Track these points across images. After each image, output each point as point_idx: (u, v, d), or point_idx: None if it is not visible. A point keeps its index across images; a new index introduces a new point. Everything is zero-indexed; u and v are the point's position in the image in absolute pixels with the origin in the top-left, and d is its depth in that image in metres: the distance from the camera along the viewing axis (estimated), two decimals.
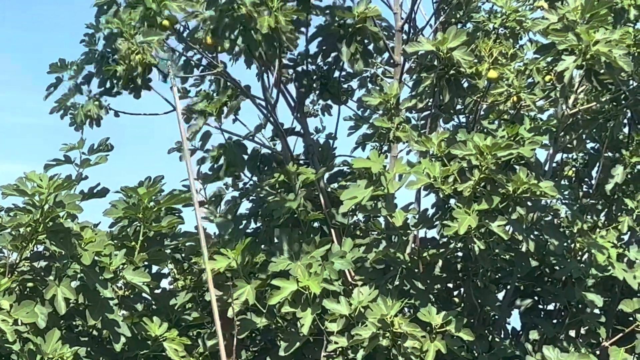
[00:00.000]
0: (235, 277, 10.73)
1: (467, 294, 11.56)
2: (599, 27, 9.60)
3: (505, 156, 9.76)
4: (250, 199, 11.99)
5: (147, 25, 10.49)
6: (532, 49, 11.35)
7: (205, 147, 12.12)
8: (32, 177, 9.72)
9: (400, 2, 12.04)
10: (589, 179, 12.64)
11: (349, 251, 10.83)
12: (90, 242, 10.08)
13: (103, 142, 10.79)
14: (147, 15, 10.52)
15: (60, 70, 11.34)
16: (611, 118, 11.68)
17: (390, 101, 10.80)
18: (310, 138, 12.16)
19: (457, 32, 10.16)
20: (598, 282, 11.43)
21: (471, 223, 9.54)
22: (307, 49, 11.93)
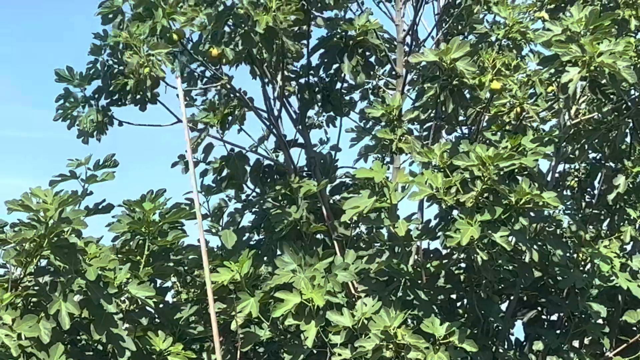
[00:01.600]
0: (239, 289, 10.68)
1: (471, 305, 11.52)
2: (603, 39, 9.58)
3: (508, 167, 9.73)
4: (253, 211, 11.96)
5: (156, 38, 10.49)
6: (534, 60, 11.35)
7: (208, 159, 12.16)
8: (37, 193, 9.68)
9: (402, 14, 12.08)
10: (592, 189, 12.64)
11: (351, 263, 10.79)
12: (95, 257, 10.04)
13: (109, 158, 10.76)
14: (155, 29, 10.52)
15: (67, 79, 11.35)
16: (613, 128, 11.68)
17: (393, 112, 10.80)
18: (312, 150, 12.15)
19: (460, 42, 10.14)
20: (601, 292, 11.42)
21: (473, 234, 9.51)
22: (309, 61, 11.92)
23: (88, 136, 11.37)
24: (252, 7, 10.23)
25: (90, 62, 11.38)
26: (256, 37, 10.42)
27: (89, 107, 11.41)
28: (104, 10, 11.01)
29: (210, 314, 10.42)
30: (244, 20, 10.35)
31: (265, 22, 10.24)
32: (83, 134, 11.38)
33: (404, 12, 12.20)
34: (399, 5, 12.08)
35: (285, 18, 10.38)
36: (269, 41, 10.59)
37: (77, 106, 11.41)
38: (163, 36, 10.53)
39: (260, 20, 10.23)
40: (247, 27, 10.40)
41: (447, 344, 10.16)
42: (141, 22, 10.55)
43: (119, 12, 11.00)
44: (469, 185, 9.79)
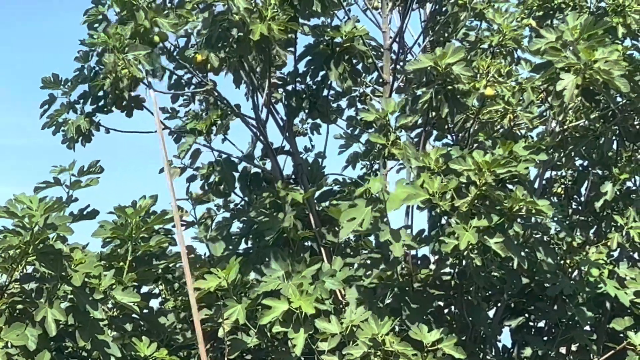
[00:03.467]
0: (226, 296, 10.52)
1: (459, 311, 11.39)
2: (598, 47, 9.50)
3: (504, 173, 9.64)
4: (241, 220, 11.79)
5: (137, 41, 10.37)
6: (526, 68, 11.31)
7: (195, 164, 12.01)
8: (22, 199, 9.51)
9: (388, 21, 11.97)
10: (578, 196, 12.57)
11: (339, 270, 10.64)
12: (80, 263, 9.86)
13: (93, 164, 10.58)
14: (137, 31, 10.37)
15: (53, 86, 11.22)
16: (600, 135, 11.62)
17: (386, 117, 10.68)
18: (299, 157, 11.98)
19: (455, 48, 10.06)
20: (589, 299, 11.31)
21: (471, 239, 9.39)
22: (296, 68, 11.77)
23: (74, 142, 11.23)
24: (248, 14, 10.09)
25: (77, 69, 11.27)
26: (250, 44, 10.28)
27: (74, 114, 11.29)
28: (90, 18, 10.88)
29: (194, 321, 10.27)
30: (239, 26, 10.22)
31: (259, 31, 10.11)
32: (68, 140, 11.24)
33: (390, 19, 12.09)
34: (385, 13, 11.95)
35: (279, 28, 10.24)
36: (262, 49, 10.48)
37: (63, 113, 11.28)
38: (144, 38, 10.38)
39: (255, 30, 10.10)
40: (243, 33, 10.25)
41: (435, 351, 9.99)
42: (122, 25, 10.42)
43: (104, 19, 10.87)
44: (463, 190, 9.69)
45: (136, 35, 10.37)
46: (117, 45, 10.25)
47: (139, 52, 10.26)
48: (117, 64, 10.24)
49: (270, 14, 10.28)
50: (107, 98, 10.89)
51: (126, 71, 10.23)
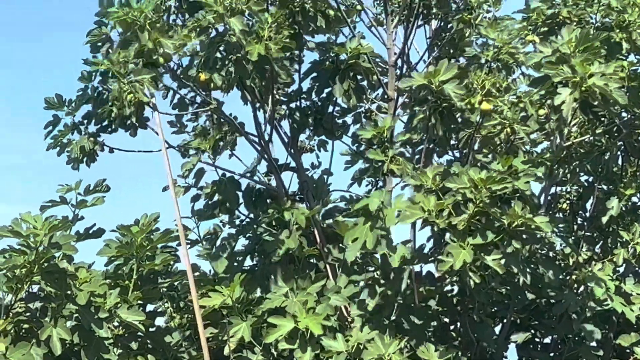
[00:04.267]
0: (231, 314, 10.59)
1: (464, 328, 11.43)
2: (594, 60, 9.54)
3: (500, 190, 9.62)
4: (247, 236, 11.85)
5: (142, 62, 10.42)
6: (525, 82, 11.30)
7: (200, 184, 12.05)
8: (27, 219, 9.60)
9: (393, 37, 12.02)
10: (584, 211, 12.56)
11: (344, 287, 10.70)
12: (85, 282, 9.95)
13: (99, 183, 10.69)
14: (141, 52, 10.46)
15: (56, 107, 11.33)
16: (605, 151, 11.63)
17: (384, 134, 10.71)
18: (304, 174, 12.07)
19: (448, 65, 10.08)
20: (595, 315, 11.34)
21: (466, 258, 9.38)
22: (301, 86, 11.88)
23: (78, 162, 11.34)
24: (244, 36, 10.15)
25: (80, 89, 11.38)
26: (249, 65, 10.33)
27: (78, 134, 11.41)
28: (92, 38, 10.99)
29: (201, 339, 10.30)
30: (237, 47, 10.28)
31: (257, 52, 10.16)
32: (73, 160, 11.36)
33: (395, 35, 12.16)
34: (390, 29, 12.03)
35: (277, 48, 10.29)
36: (261, 69, 10.51)
37: (67, 133, 11.40)
38: (148, 59, 10.45)
39: (252, 50, 10.16)
40: (240, 55, 10.31)
41: None
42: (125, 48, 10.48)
43: (107, 40, 10.98)
44: (461, 208, 9.69)
45: (140, 56, 10.45)
46: (121, 71, 10.29)
47: (144, 76, 10.32)
48: (122, 90, 10.28)
49: (267, 33, 10.34)
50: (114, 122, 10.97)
51: (132, 96, 10.28)
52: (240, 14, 10.21)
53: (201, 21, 10.21)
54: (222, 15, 10.11)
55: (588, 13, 11.15)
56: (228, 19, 10.11)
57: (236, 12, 10.18)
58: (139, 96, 10.33)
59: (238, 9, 10.21)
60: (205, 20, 10.18)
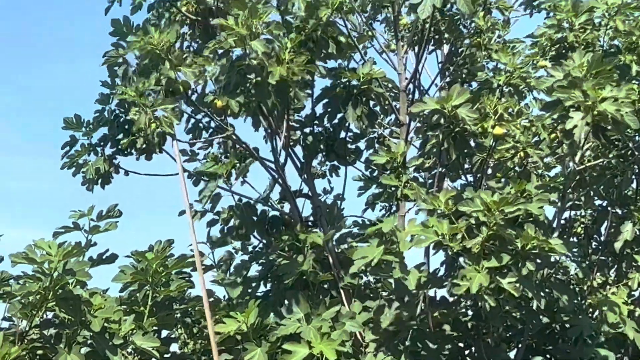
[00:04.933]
0: (246, 340, 10.60)
1: (478, 352, 11.37)
2: (605, 84, 9.56)
3: (513, 212, 9.63)
4: (260, 262, 11.88)
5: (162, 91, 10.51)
6: (537, 106, 11.33)
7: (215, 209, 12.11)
8: (41, 245, 9.66)
9: (404, 62, 12.09)
10: (598, 235, 12.54)
11: (358, 313, 10.73)
12: (100, 308, 9.99)
13: (112, 208, 10.74)
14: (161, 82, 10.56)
15: (74, 127, 11.44)
16: (618, 174, 11.63)
17: (397, 159, 10.76)
18: (318, 199, 12.10)
19: (460, 90, 10.13)
20: (609, 339, 11.30)
21: (482, 281, 9.41)
22: (314, 111, 11.93)
23: (93, 184, 11.45)
24: (266, 58, 10.23)
25: (97, 111, 11.53)
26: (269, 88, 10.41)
27: (94, 155, 11.54)
28: (110, 60, 11.10)
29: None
30: (257, 71, 10.35)
31: (279, 74, 10.24)
32: (88, 182, 11.47)
33: (406, 60, 12.24)
34: (401, 54, 12.10)
35: (299, 69, 10.38)
36: (281, 92, 10.57)
37: (83, 154, 11.52)
38: (169, 88, 10.54)
39: (275, 72, 10.23)
40: (261, 78, 10.39)
41: None
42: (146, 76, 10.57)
43: (124, 63, 11.09)
44: (474, 231, 9.71)
45: (158, 84, 10.56)
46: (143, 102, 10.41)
47: (167, 106, 10.42)
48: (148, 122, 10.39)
49: (288, 56, 10.41)
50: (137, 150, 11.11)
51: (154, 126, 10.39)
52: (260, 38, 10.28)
53: (222, 43, 10.27)
54: (243, 38, 10.18)
55: (596, 37, 11.18)
56: (250, 41, 10.18)
57: (256, 36, 10.25)
58: (164, 128, 10.45)
59: (258, 33, 10.28)
60: (227, 43, 10.25)
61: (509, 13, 12.46)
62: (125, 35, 10.96)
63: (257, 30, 10.31)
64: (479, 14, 12.07)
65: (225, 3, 11.31)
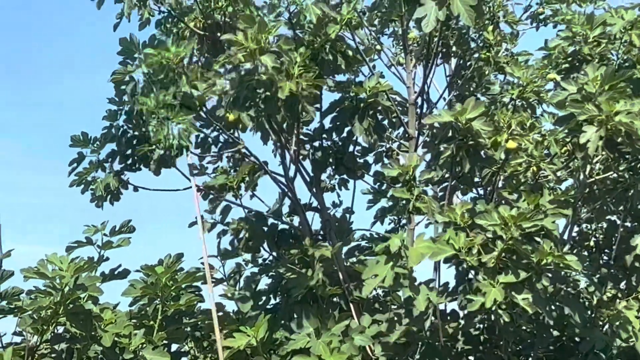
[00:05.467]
0: (255, 354, 10.61)
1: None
2: (619, 98, 9.57)
3: (530, 227, 9.65)
4: (270, 275, 11.89)
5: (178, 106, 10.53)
6: (549, 120, 11.34)
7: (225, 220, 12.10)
8: (52, 260, 9.69)
9: (412, 76, 12.10)
10: (609, 249, 12.54)
11: (368, 326, 10.73)
12: (110, 323, 10.00)
13: (125, 224, 10.76)
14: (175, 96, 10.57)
15: (82, 144, 11.46)
16: (629, 187, 11.64)
17: (409, 172, 10.77)
18: (327, 213, 12.10)
19: (475, 103, 10.14)
20: (621, 352, 11.30)
21: (497, 296, 9.42)
22: (322, 124, 11.93)
23: (102, 201, 11.46)
24: (276, 72, 10.24)
25: (105, 127, 11.54)
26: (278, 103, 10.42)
27: (102, 172, 11.54)
28: (117, 77, 11.10)
29: None
30: (267, 85, 10.35)
31: (288, 89, 10.24)
32: (97, 198, 11.48)
33: (414, 74, 12.25)
34: (409, 68, 12.09)
35: (308, 84, 10.38)
36: (290, 107, 10.58)
37: (92, 171, 11.53)
38: (185, 103, 10.56)
39: (284, 87, 10.23)
40: (270, 92, 10.39)
41: None
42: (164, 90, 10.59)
43: (131, 80, 11.08)
44: (489, 245, 9.72)
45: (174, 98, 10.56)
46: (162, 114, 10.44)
47: (185, 118, 10.46)
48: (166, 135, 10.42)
49: (297, 71, 10.41)
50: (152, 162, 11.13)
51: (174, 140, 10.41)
52: (269, 53, 10.28)
53: (231, 58, 10.28)
54: (252, 53, 10.18)
55: (609, 50, 11.20)
56: (259, 56, 10.18)
57: (265, 51, 10.25)
58: (183, 141, 10.48)
59: (267, 48, 10.29)
60: (236, 58, 10.25)
61: (517, 26, 12.50)
62: (133, 53, 10.96)
63: (266, 45, 10.32)
64: (488, 28, 12.11)
65: (232, 18, 11.35)
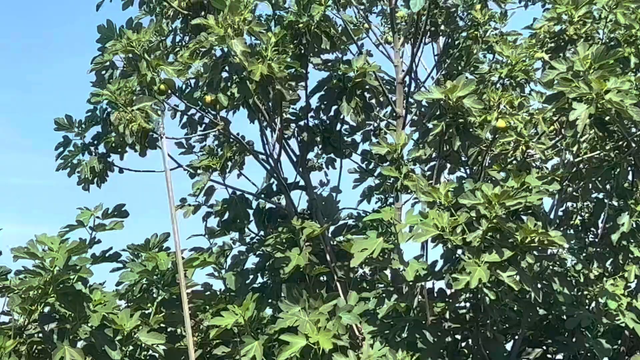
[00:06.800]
0: (243, 333, 10.75)
1: (476, 345, 11.54)
2: (610, 77, 9.68)
3: (514, 205, 9.76)
4: (257, 254, 12.05)
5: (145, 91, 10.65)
6: (537, 99, 11.47)
7: (210, 202, 12.25)
8: (43, 240, 9.80)
9: (401, 55, 12.21)
10: (595, 228, 12.69)
11: (355, 305, 10.89)
12: (100, 304, 10.14)
13: (119, 207, 10.86)
14: (143, 82, 10.67)
15: (66, 127, 11.53)
16: (615, 166, 11.76)
17: (398, 150, 10.90)
18: (313, 192, 12.24)
19: (466, 81, 10.22)
20: (607, 331, 11.47)
21: (482, 275, 9.52)
22: (308, 103, 12.05)
23: (88, 183, 11.55)
24: (245, 57, 10.28)
25: (89, 110, 11.61)
26: (252, 85, 10.48)
27: (88, 155, 11.63)
28: (96, 66, 11.20)
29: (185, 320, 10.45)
30: (239, 69, 10.41)
31: (260, 73, 10.30)
32: (83, 181, 11.56)
33: (403, 53, 12.37)
34: (397, 47, 12.20)
35: (280, 68, 10.46)
36: (264, 89, 10.66)
37: (77, 154, 11.61)
38: (150, 88, 10.68)
39: (255, 70, 10.28)
40: (243, 75, 10.47)
41: None
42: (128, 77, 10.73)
43: (110, 67, 11.19)
44: (474, 224, 9.84)
45: (142, 84, 10.69)
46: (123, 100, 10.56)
47: (145, 104, 10.55)
48: (123, 118, 10.52)
49: (270, 54, 10.50)
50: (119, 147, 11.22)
51: (136, 124, 10.51)
52: (242, 35, 10.33)
53: (203, 43, 10.35)
54: (223, 37, 10.23)
55: (595, 29, 11.33)
56: (230, 40, 10.22)
57: (237, 34, 10.29)
58: (143, 125, 10.57)
59: (240, 31, 10.34)
60: (207, 43, 10.32)
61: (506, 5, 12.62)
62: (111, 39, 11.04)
63: (238, 28, 10.36)
64: (476, 6, 12.23)
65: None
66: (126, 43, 10.71)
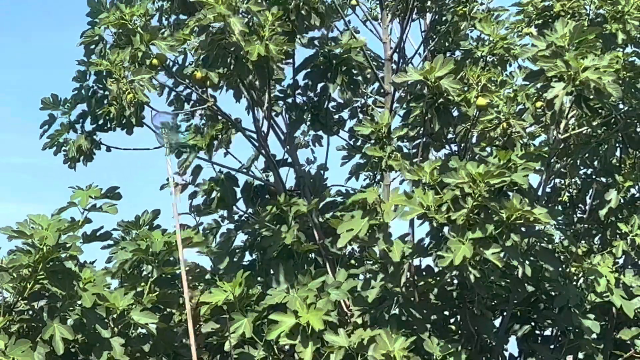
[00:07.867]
0: (232, 310, 10.97)
1: (464, 321, 11.81)
2: (588, 54, 9.87)
3: (498, 183, 9.94)
4: (245, 232, 12.28)
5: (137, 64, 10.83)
6: (521, 76, 11.62)
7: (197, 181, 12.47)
8: (34, 219, 10.00)
9: (389, 31, 12.41)
10: (583, 204, 12.88)
11: (343, 281, 11.15)
12: (90, 282, 10.35)
13: (112, 190, 11.02)
14: (135, 55, 10.89)
15: (52, 106, 11.74)
16: (603, 142, 11.95)
17: (382, 130, 11.11)
18: (301, 169, 12.52)
19: (444, 60, 10.43)
20: (595, 307, 11.69)
21: (466, 253, 9.71)
22: (296, 81, 12.31)
23: (75, 162, 11.78)
24: (242, 37, 10.49)
25: (75, 89, 11.78)
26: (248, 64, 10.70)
27: (74, 133, 11.82)
28: (86, 39, 11.39)
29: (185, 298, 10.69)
30: (237, 47, 10.60)
31: (257, 53, 10.50)
32: (70, 160, 11.79)
33: (390, 29, 12.55)
34: (385, 23, 12.41)
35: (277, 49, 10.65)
36: (261, 69, 10.89)
37: (63, 133, 11.81)
38: (143, 62, 10.89)
39: (253, 51, 10.48)
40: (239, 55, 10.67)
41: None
42: (121, 50, 10.91)
43: (100, 41, 11.38)
44: (459, 202, 10.03)
45: (134, 58, 10.89)
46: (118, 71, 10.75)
47: (143, 76, 10.77)
48: (122, 90, 10.71)
49: (267, 33, 10.69)
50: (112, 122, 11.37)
51: (131, 96, 10.69)
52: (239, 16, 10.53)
53: (202, 20, 10.52)
54: (222, 15, 10.40)
55: (582, 5, 11.51)
56: (229, 18, 10.42)
57: (235, 12, 10.50)
58: (139, 96, 10.76)
59: (238, 9, 10.54)
60: (207, 20, 10.49)
61: None
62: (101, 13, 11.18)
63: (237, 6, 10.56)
64: None
65: None
66: (119, 16, 10.89)
